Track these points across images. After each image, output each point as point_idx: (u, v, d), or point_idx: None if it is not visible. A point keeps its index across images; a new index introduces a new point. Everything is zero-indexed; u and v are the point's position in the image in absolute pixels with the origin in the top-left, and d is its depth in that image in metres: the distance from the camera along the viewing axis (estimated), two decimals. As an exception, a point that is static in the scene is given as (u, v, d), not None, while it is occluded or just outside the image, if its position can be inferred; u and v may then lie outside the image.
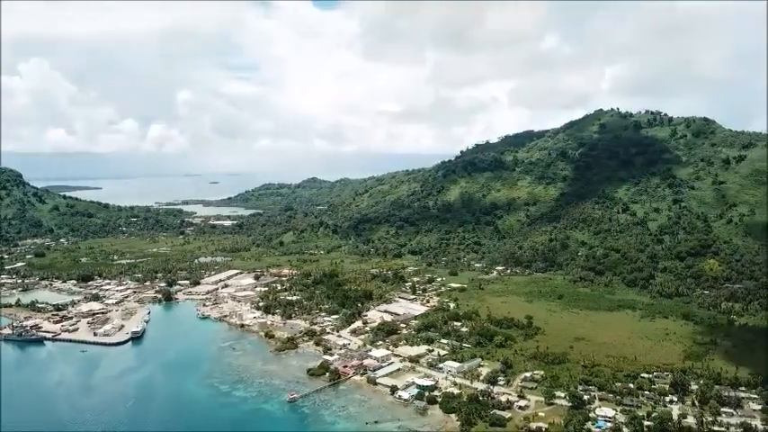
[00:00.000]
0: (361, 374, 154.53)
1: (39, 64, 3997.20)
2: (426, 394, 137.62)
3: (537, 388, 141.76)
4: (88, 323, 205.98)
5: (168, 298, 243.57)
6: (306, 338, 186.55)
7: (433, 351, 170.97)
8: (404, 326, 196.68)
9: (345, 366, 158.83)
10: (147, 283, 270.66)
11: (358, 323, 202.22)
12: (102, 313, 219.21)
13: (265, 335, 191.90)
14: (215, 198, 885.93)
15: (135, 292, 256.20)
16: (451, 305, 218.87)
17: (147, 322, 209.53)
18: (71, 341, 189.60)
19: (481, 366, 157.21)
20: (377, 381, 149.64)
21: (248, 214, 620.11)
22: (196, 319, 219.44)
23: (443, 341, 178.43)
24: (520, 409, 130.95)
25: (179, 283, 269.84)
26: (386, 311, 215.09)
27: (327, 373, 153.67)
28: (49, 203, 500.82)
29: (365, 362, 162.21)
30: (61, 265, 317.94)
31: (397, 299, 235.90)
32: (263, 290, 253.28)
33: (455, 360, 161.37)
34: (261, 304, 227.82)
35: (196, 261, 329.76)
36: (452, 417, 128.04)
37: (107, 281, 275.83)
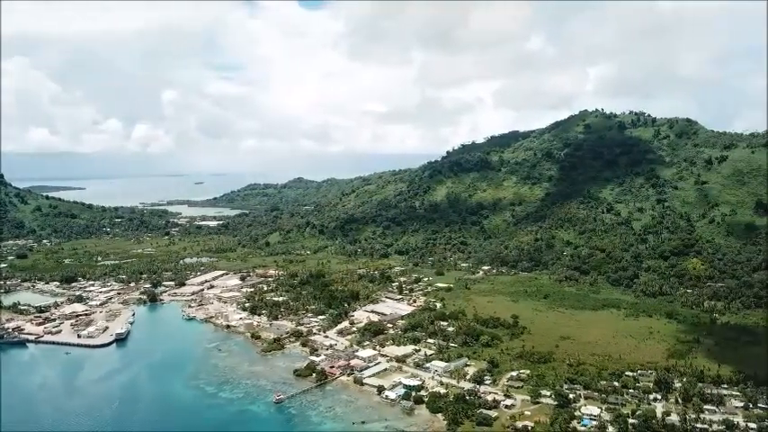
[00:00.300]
0: (348, 375, 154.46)
1: (21, 63, 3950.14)
2: (413, 394, 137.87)
3: (523, 387, 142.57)
4: (72, 325, 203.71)
5: (153, 299, 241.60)
6: (292, 339, 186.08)
7: (419, 351, 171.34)
8: (390, 326, 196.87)
9: (332, 367, 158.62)
10: (132, 285, 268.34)
11: (345, 323, 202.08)
12: (86, 315, 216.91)
13: (251, 336, 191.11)
14: (200, 198, 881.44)
15: (119, 293, 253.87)
16: (438, 305, 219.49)
17: (131, 324, 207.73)
18: (54, 343, 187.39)
19: (468, 366, 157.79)
20: (364, 381, 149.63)
21: (234, 215, 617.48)
22: (181, 320, 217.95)
23: (430, 341, 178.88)
24: (506, 408, 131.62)
25: (164, 284, 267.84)
26: (373, 312, 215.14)
27: (314, 374, 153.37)
28: (32, 204, 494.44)
29: (352, 362, 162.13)
30: (44, 266, 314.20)
31: (383, 299, 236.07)
32: (249, 291, 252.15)
33: (442, 360, 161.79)
34: (247, 305, 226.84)
35: (181, 262, 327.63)
36: (439, 416, 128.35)
37: (91, 282, 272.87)
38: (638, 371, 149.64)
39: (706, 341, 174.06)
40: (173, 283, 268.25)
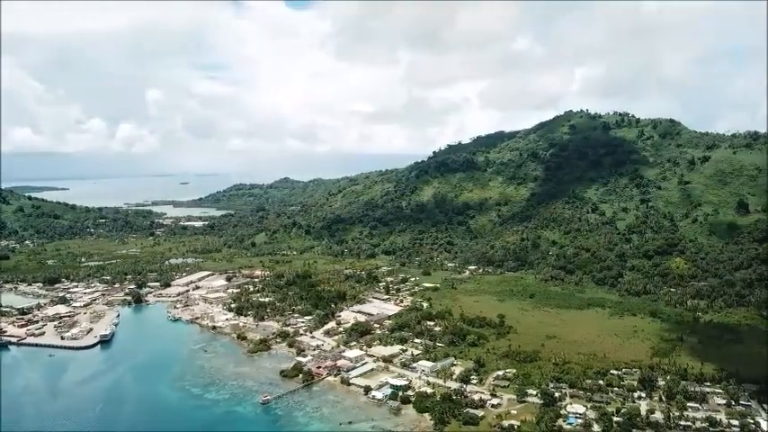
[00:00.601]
0: (335, 375, 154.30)
1: (3, 62, 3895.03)
2: (400, 394, 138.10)
3: (509, 386, 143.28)
4: (55, 327, 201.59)
5: (138, 300, 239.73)
6: (279, 340, 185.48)
7: (406, 351, 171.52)
8: (377, 326, 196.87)
9: (319, 367, 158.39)
10: (117, 286, 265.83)
11: (331, 324, 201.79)
12: (70, 316, 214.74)
13: (238, 337, 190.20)
14: (186, 199, 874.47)
15: (103, 294, 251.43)
16: (425, 305, 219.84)
17: (116, 325, 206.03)
18: (37, 345, 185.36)
19: (454, 365, 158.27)
20: (350, 381, 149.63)
21: (220, 215, 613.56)
22: (167, 321, 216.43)
23: (417, 341, 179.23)
24: (492, 407, 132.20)
25: (149, 285, 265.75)
26: (359, 312, 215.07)
27: (301, 375, 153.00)
28: (14, 204, 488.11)
29: (339, 362, 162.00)
30: (26, 267, 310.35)
31: (370, 299, 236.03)
32: (235, 291, 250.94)
33: (428, 359, 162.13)
34: (233, 306, 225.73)
35: (167, 263, 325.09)
36: (426, 416, 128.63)
37: (74, 283, 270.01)
38: (623, 369, 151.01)
39: (689, 339, 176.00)
40: (158, 284, 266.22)
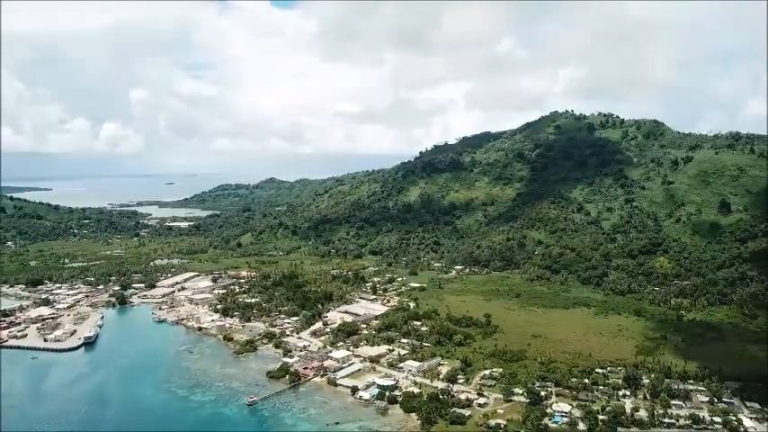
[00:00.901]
0: (322, 376, 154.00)
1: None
2: (387, 394, 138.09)
3: (496, 385, 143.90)
4: (38, 329, 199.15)
5: (122, 302, 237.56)
6: (265, 341, 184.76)
7: (393, 351, 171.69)
8: (364, 326, 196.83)
9: (306, 368, 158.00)
10: (101, 287, 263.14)
11: (318, 324, 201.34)
12: (53, 318, 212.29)
13: (224, 338, 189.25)
14: (171, 199, 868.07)
15: (87, 296, 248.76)
16: (411, 305, 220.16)
17: (100, 327, 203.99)
18: (19, 348, 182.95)
19: (441, 365, 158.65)
20: (337, 382, 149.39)
21: (205, 215, 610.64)
22: (152, 322, 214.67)
23: (404, 341, 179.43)
24: (479, 406, 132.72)
25: (134, 286, 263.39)
26: (346, 312, 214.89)
27: (287, 376, 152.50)
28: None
29: (326, 363, 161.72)
30: (8, 269, 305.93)
31: (357, 299, 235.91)
32: (220, 292, 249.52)
33: (415, 359, 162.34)
34: (219, 307, 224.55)
35: (152, 264, 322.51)
36: (413, 416, 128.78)
37: (58, 285, 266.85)
38: (608, 368, 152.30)
39: (673, 338, 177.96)
40: (143, 286, 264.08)
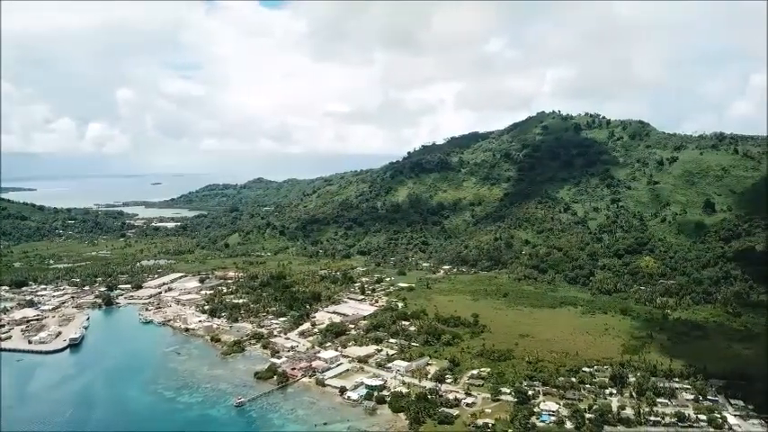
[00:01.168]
0: (310, 376, 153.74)
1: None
2: (375, 394, 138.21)
3: (483, 385, 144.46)
4: (22, 331, 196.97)
5: (108, 303, 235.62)
6: (253, 341, 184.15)
7: (381, 351, 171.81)
8: (353, 326, 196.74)
9: (294, 369, 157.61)
10: (86, 288, 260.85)
11: (306, 325, 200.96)
12: (38, 320, 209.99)
13: (211, 339, 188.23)
14: (158, 199, 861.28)
15: (73, 297, 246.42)
16: (400, 305, 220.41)
17: (86, 328, 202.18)
18: (3, 350, 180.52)
19: (429, 365, 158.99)
20: (325, 382, 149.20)
21: (192, 216, 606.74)
22: (138, 323, 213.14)
23: (392, 341, 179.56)
24: (467, 406, 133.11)
25: (120, 287, 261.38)
26: (334, 312, 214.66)
27: (275, 376, 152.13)
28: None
29: (314, 363, 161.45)
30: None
31: (345, 300, 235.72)
32: (208, 293, 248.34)
33: (403, 359, 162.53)
34: (206, 308, 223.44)
35: (138, 264, 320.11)
36: (401, 416, 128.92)
37: (42, 286, 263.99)
38: (595, 366, 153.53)
39: (659, 336, 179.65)
40: (129, 286, 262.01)
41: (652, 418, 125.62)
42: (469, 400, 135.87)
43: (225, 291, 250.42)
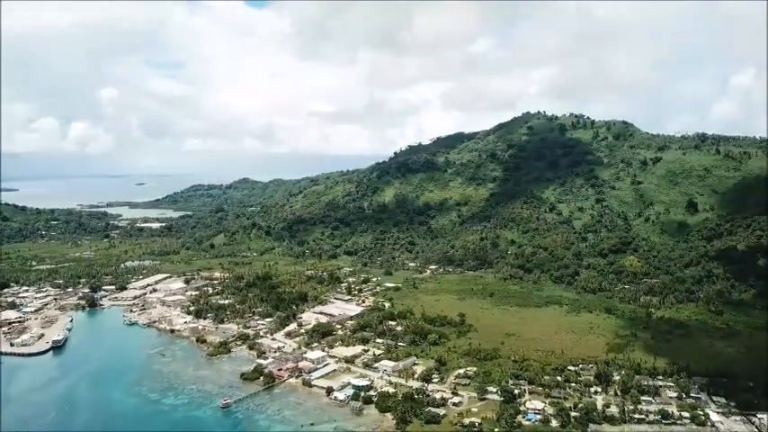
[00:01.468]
0: (297, 377, 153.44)
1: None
2: (362, 394, 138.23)
3: (470, 384, 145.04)
4: (4, 333, 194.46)
5: (92, 304, 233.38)
6: (239, 342, 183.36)
7: (368, 351, 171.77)
8: (339, 327, 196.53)
9: (280, 369, 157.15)
10: (70, 290, 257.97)
11: (293, 326, 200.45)
12: (20, 322, 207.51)
13: (197, 340, 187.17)
14: (142, 200, 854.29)
15: (56, 299, 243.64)
16: (386, 305, 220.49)
17: (69, 330, 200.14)
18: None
19: (416, 365, 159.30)
20: (312, 383, 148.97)
21: (177, 216, 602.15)
22: (123, 325, 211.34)
23: (379, 341, 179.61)
24: (454, 405, 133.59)
25: (104, 288, 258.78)
26: (321, 313, 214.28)
27: (262, 377, 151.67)
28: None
29: (300, 364, 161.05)
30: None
31: (332, 300, 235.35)
32: (193, 294, 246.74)
33: (390, 359, 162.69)
34: (191, 308, 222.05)
35: (122, 265, 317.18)
36: (388, 416, 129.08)
37: (25, 288, 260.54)
38: (580, 365, 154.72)
39: (643, 335, 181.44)
40: (113, 288, 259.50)
41: (636, 415, 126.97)
42: (456, 399, 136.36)
43: (210, 291, 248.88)
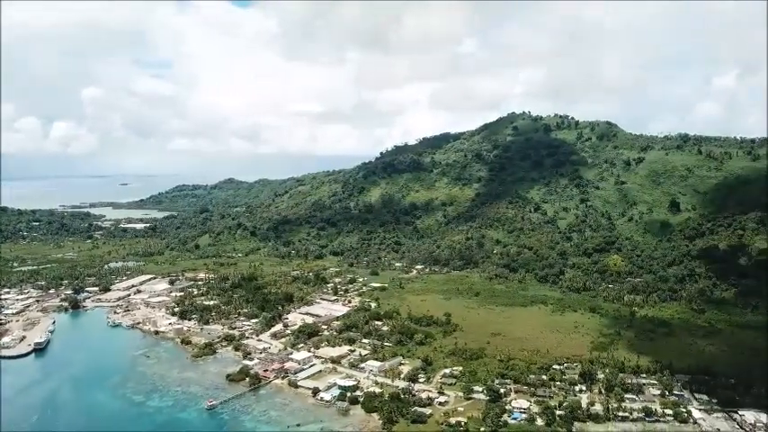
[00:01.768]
0: (283, 378, 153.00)
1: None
2: (348, 395, 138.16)
3: (456, 384, 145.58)
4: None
5: (75, 306, 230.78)
6: (224, 343, 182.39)
7: (354, 351, 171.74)
8: (325, 327, 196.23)
9: (266, 370, 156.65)
10: (52, 291, 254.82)
11: (278, 326, 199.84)
12: (1, 324, 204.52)
13: (181, 341, 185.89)
14: (126, 200, 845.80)
15: (38, 300, 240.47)
16: (373, 305, 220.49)
17: (51, 332, 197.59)
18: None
19: (402, 365, 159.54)
20: (298, 383, 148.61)
21: (162, 217, 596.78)
22: (106, 327, 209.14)
23: (365, 341, 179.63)
24: (440, 405, 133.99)
25: (87, 290, 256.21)
26: (307, 313, 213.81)
27: (247, 378, 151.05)
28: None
29: (286, 365, 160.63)
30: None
31: (318, 300, 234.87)
32: (178, 295, 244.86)
33: (376, 359, 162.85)
34: (176, 310, 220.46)
35: (106, 266, 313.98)
36: (374, 416, 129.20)
37: (6, 290, 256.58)
38: (565, 364, 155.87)
39: (626, 333, 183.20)
40: (96, 289, 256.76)
41: (620, 413, 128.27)
42: (442, 399, 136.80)
43: (195, 292, 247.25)
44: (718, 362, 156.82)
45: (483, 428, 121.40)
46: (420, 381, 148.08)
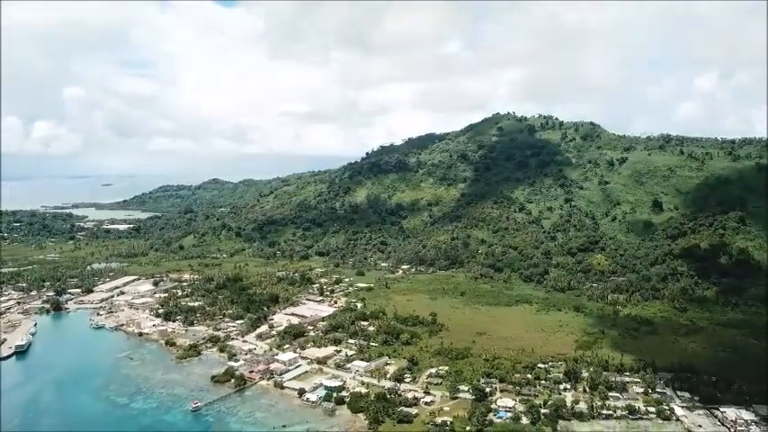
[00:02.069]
0: (268, 379, 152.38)
1: None
2: (334, 395, 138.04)
3: (442, 383, 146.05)
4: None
5: (57, 308, 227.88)
6: (209, 345, 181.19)
7: (340, 352, 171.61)
8: (311, 328, 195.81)
9: (251, 371, 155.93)
10: (33, 293, 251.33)
11: (264, 327, 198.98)
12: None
13: (166, 343, 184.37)
14: (109, 201, 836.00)
15: (19, 302, 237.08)
16: (359, 305, 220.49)
17: (33, 335, 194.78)
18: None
19: (388, 365, 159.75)
20: (284, 384, 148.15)
21: (145, 217, 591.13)
22: (89, 329, 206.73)
23: (351, 341, 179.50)
24: (426, 404, 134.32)
25: (69, 291, 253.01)
26: (293, 314, 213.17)
27: (233, 380, 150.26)
28: None
29: (272, 366, 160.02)
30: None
31: (304, 301, 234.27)
32: (162, 296, 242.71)
33: (362, 359, 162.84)
34: (160, 311, 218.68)
35: (89, 268, 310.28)
36: (360, 416, 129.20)
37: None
38: (550, 363, 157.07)
39: (610, 332, 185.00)
40: (79, 291, 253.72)
41: (604, 411, 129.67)
42: (428, 398, 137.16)
43: (180, 294, 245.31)
44: (699, 359, 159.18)
45: (469, 428, 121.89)
46: (406, 381, 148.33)
